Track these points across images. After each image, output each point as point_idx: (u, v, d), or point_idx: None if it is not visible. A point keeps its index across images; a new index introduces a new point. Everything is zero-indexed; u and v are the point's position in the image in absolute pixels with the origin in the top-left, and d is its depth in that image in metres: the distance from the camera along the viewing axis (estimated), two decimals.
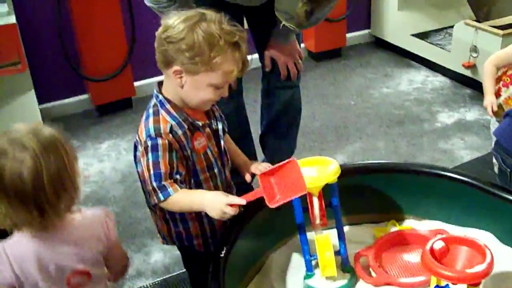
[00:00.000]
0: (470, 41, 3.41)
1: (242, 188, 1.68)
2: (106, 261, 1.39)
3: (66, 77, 3.50)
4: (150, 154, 1.46)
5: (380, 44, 4.36)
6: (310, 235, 1.62)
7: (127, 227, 2.57)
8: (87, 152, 3.17)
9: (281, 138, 2.56)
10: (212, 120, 1.60)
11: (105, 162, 3.08)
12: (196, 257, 1.69)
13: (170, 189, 1.46)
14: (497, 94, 2.36)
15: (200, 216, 1.59)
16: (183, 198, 1.47)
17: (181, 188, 1.48)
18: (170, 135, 1.47)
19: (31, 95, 2.98)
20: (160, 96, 1.51)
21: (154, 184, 1.46)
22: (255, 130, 2.63)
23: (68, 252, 1.30)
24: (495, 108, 2.29)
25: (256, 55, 2.35)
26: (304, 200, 1.58)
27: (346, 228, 1.87)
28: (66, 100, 3.60)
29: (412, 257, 1.71)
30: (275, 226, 1.77)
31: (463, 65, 3.47)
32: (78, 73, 3.43)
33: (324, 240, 1.56)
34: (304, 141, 3.18)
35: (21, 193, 1.19)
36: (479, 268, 1.23)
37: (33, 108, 2.99)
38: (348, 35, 4.26)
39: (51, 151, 1.21)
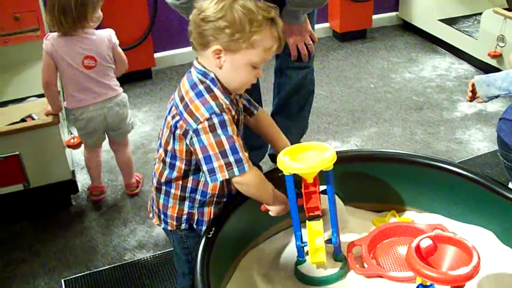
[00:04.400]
0: (498, 30, 3.30)
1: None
2: (113, 60, 2.43)
3: None
4: (220, 130, 1.40)
5: (407, 28, 4.26)
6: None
7: (133, 198, 2.59)
8: None
9: (291, 119, 2.53)
10: (239, 110, 1.56)
11: None
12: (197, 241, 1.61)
13: (246, 165, 1.42)
14: None
15: (219, 203, 1.57)
16: (257, 182, 1.46)
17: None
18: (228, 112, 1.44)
19: None
20: (212, 74, 1.44)
21: (232, 157, 1.40)
22: (267, 110, 2.60)
23: (84, 46, 2.34)
24: None
25: None
26: (298, 186, 1.56)
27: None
28: None
29: (406, 250, 1.67)
30: None
31: (489, 54, 3.37)
32: None
33: (315, 226, 1.55)
34: (319, 123, 3.16)
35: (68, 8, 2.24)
36: (463, 270, 1.19)
37: None
38: (375, 16, 4.18)
39: None
